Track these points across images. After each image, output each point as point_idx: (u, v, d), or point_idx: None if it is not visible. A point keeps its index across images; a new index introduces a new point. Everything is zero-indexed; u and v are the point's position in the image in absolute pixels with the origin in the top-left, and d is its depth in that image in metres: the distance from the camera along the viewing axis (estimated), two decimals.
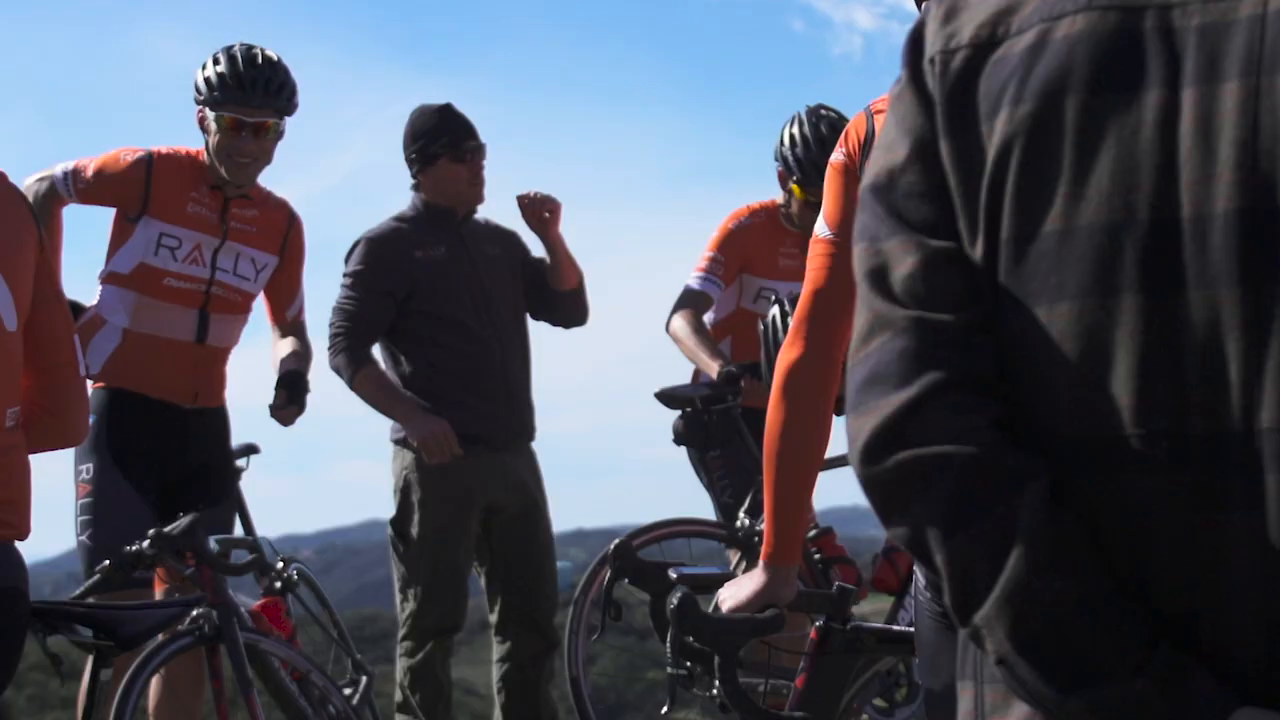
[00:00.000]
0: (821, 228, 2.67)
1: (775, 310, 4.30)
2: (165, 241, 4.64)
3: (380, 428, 5.28)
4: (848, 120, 2.87)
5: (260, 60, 4.66)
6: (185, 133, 4.84)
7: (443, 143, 5.23)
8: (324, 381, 5.75)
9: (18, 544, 2.72)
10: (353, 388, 5.15)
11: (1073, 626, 1.21)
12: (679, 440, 5.03)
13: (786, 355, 2.63)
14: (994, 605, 1.22)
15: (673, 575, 2.97)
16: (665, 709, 2.83)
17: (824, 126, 5.04)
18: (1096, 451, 1.23)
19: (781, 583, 2.69)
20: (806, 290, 2.66)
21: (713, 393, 4.96)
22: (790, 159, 5.12)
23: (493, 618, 5.32)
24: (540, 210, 5.27)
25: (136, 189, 4.63)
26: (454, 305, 5.19)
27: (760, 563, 2.70)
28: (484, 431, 5.16)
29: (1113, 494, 1.23)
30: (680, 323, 5.21)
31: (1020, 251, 1.27)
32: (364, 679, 4.83)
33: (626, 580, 3.09)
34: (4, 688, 2.67)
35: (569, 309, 5.46)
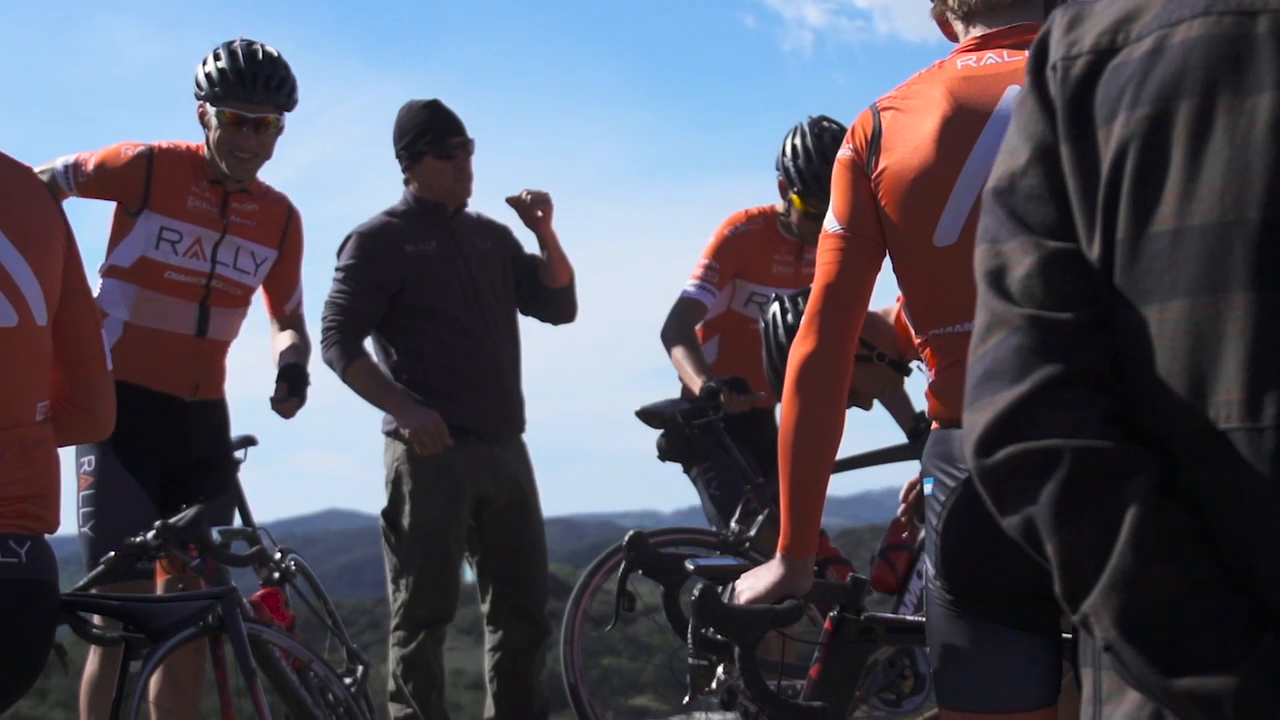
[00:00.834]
0: (831, 222, 2.67)
1: (775, 307, 4.30)
2: (166, 235, 4.61)
3: (338, 418, 5.28)
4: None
5: (261, 56, 4.64)
6: (147, 127, 4.74)
7: (427, 140, 5.22)
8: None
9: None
10: (345, 380, 5.15)
11: (1177, 614, 1.23)
12: (663, 456, 5.04)
13: (800, 348, 2.64)
14: (1100, 593, 1.25)
15: (689, 566, 2.98)
16: (686, 699, 2.84)
17: (826, 138, 5.01)
18: (1206, 445, 1.25)
19: (799, 574, 2.69)
20: (818, 284, 2.65)
21: (692, 407, 4.97)
22: (791, 169, 5.09)
23: (484, 608, 5.32)
24: (533, 210, 5.27)
25: (137, 183, 4.61)
26: (445, 299, 5.19)
27: (778, 554, 2.71)
28: (475, 423, 5.16)
29: (1221, 487, 1.25)
30: (673, 335, 5.20)
31: (1135, 251, 1.29)
32: (360, 669, 4.83)
33: (641, 571, 3.11)
34: (34, 679, 2.66)
35: (559, 306, 5.46)
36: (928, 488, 2.65)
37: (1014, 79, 2.60)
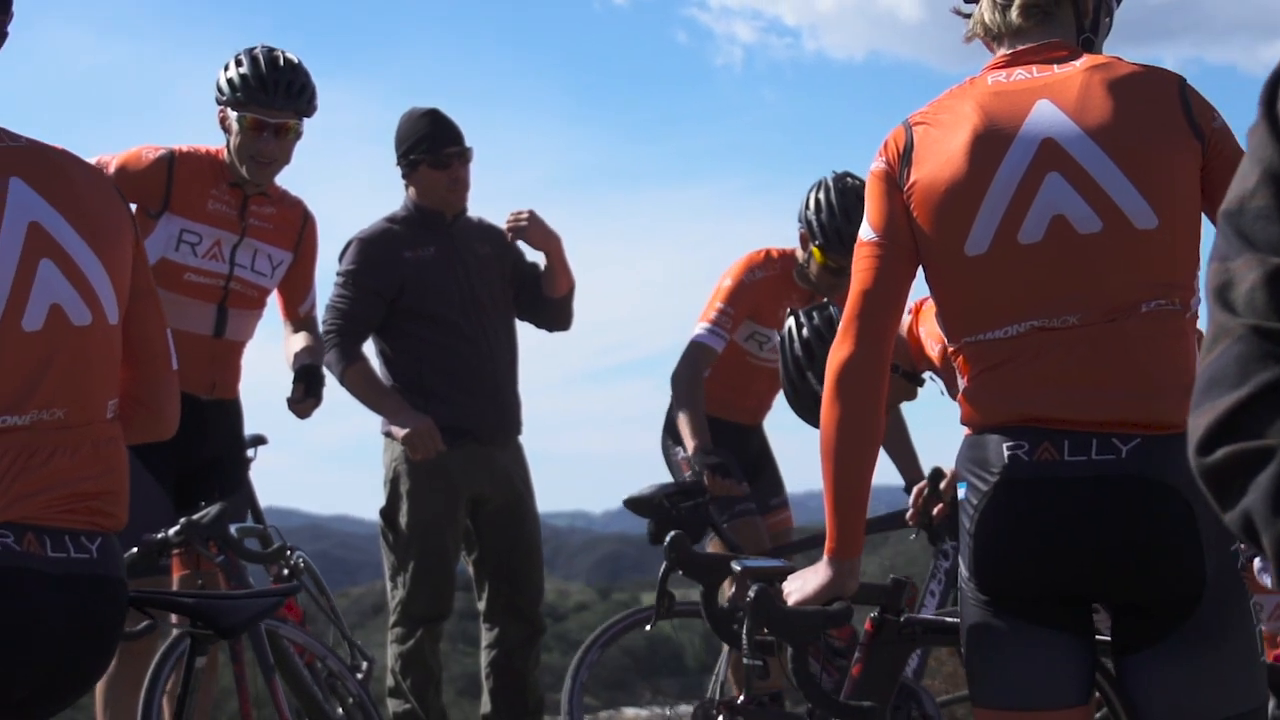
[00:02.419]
0: (866, 231, 2.66)
1: (791, 322, 4.28)
2: (186, 238, 4.54)
3: (278, 417, 5.23)
4: None
5: (282, 63, 4.57)
6: (94, 131, 4.83)
7: (423, 149, 5.19)
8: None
9: None
10: (343, 384, 5.11)
11: None
12: (654, 541, 5.00)
13: (838, 353, 2.63)
14: None
15: (735, 568, 2.95)
16: (740, 698, 2.82)
17: (850, 195, 4.90)
18: None
19: (847, 575, 2.67)
20: (854, 291, 2.65)
21: (678, 490, 4.92)
22: (814, 223, 4.98)
23: (480, 606, 5.28)
24: (519, 237, 5.27)
25: (158, 186, 4.53)
26: (443, 304, 5.15)
27: (824, 557, 2.69)
28: (471, 426, 5.12)
29: None
30: (682, 388, 5.10)
31: None
32: (365, 664, 4.77)
33: (681, 572, 3.08)
34: (101, 675, 2.59)
35: (555, 314, 5.42)
36: (961, 491, 2.65)
37: (1042, 94, 2.61)
